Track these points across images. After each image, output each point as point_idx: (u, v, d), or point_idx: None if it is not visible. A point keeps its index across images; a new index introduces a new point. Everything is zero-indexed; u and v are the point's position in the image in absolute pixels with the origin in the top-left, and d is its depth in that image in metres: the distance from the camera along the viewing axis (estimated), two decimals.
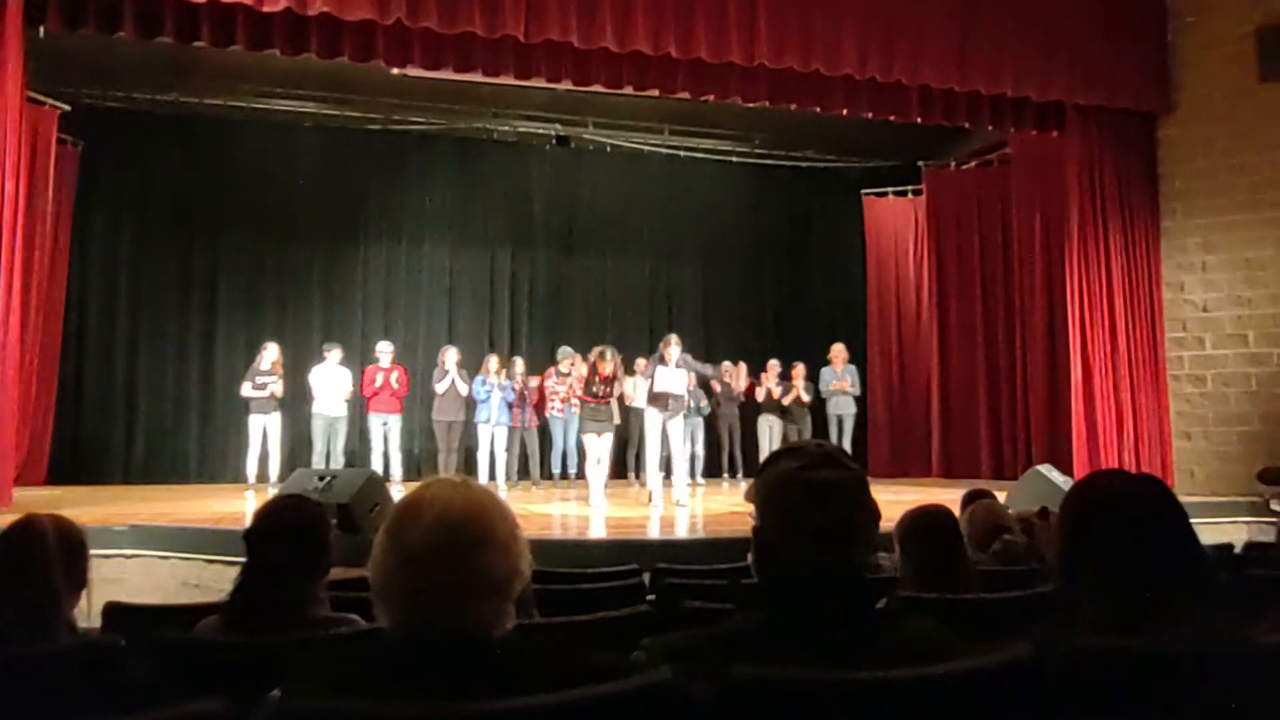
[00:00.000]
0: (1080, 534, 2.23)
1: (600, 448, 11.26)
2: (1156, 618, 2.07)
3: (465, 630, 1.79)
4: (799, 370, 14.32)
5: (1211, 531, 8.90)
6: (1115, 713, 1.98)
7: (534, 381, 13.63)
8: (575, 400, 12.32)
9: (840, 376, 14.37)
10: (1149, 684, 1.98)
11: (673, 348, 11.11)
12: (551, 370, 13.48)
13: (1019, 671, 1.92)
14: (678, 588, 4.29)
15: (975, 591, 3.57)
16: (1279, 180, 11.52)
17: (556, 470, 13.78)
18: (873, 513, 2.06)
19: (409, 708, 1.71)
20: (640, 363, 12.38)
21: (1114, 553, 2.13)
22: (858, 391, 14.54)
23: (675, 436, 11.42)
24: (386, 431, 12.94)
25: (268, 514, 3.25)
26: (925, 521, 3.76)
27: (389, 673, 1.78)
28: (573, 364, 12.92)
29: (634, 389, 13.04)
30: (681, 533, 9.44)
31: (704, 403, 14.08)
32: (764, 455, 12.51)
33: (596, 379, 11.21)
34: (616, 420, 12.28)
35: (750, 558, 2.12)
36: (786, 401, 14.17)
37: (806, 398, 14.17)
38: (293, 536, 3.12)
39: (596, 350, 11.39)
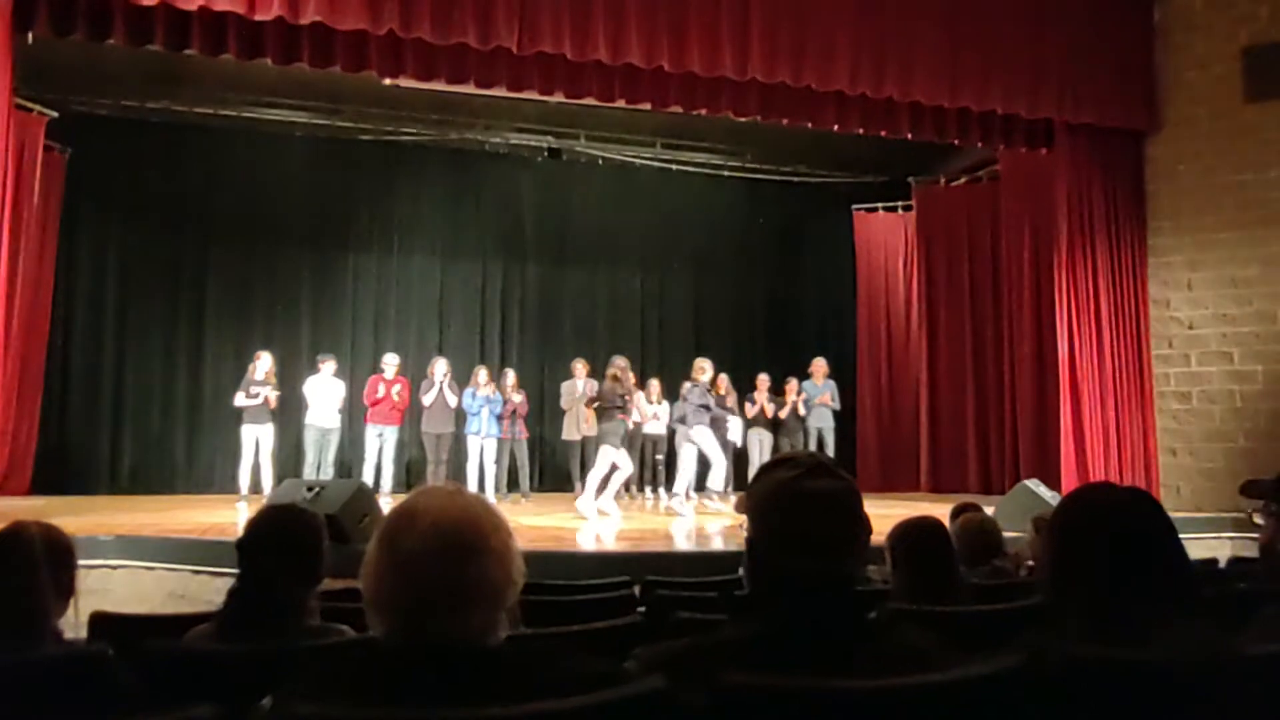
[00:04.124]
0: (1069, 544, 2.24)
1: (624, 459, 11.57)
2: (1143, 628, 2.08)
3: (458, 638, 1.79)
4: (793, 385, 14.32)
5: (1197, 547, 8.89)
6: None
7: (518, 396, 13.58)
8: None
9: (822, 390, 14.38)
10: (1136, 694, 1.99)
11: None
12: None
13: (1009, 681, 1.93)
14: (668, 599, 4.29)
15: (965, 604, 3.58)
16: (1264, 199, 11.58)
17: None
18: (865, 523, 2.07)
19: (401, 715, 1.70)
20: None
21: (1102, 563, 2.14)
22: (837, 405, 14.53)
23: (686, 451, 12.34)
24: (382, 443, 12.94)
25: (260, 524, 3.24)
26: (916, 533, 3.77)
27: (381, 680, 1.78)
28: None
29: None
30: (672, 546, 9.44)
31: None
32: (754, 469, 12.84)
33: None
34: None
35: (743, 568, 2.12)
36: (784, 415, 14.16)
37: (803, 411, 14.17)
38: (285, 546, 3.12)
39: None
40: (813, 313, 17.15)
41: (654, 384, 14.21)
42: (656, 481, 14.03)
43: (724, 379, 14.41)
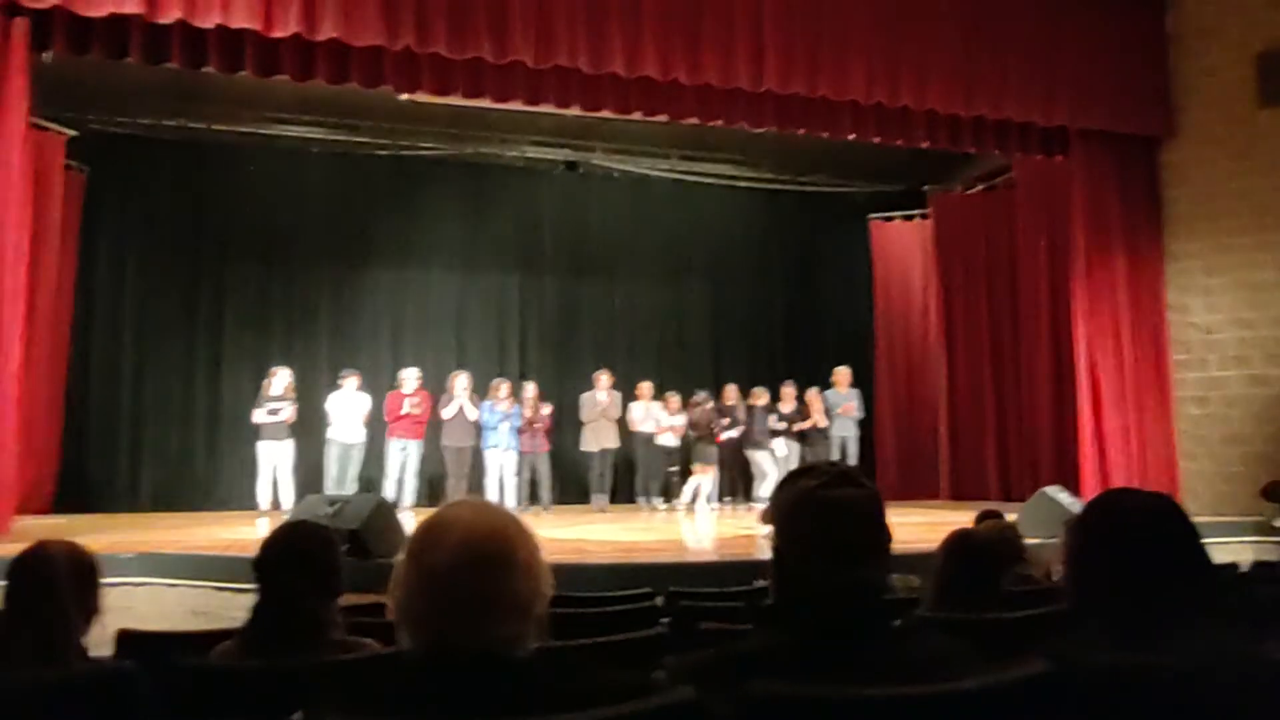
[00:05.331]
0: (1093, 550, 2.24)
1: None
2: (1167, 634, 2.08)
3: (487, 651, 1.79)
4: (814, 394, 14.29)
5: (1218, 551, 8.81)
6: None
7: (545, 409, 13.57)
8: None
9: (845, 399, 14.36)
10: (1160, 700, 1.99)
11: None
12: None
13: (1035, 687, 1.93)
14: (692, 610, 4.29)
15: (992, 611, 3.58)
16: None
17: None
18: (888, 531, 2.07)
19: None
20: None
21: (1126, 569, 2.14)
22: (861, 414, 14.54)
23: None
24: (405, 457, 12.92)
25: (274, 542, 3.24)
26: (969, 546, 3.78)
27: (412, 694, 1.78)
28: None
29: (642, 415, 13.97)
30: (692, 556, 9.45)
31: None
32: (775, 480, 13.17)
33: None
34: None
35: (769, 578, 2.13)
36: (805, 427, 14.14)
37: (825, 423, 14.16)
38: (301, 562, 3.13)
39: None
40: (830, 323, 17.09)
41: (672, 398, 14.27)
42: (670, 493, 14.16)
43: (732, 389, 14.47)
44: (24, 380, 9.85)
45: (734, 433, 14.06)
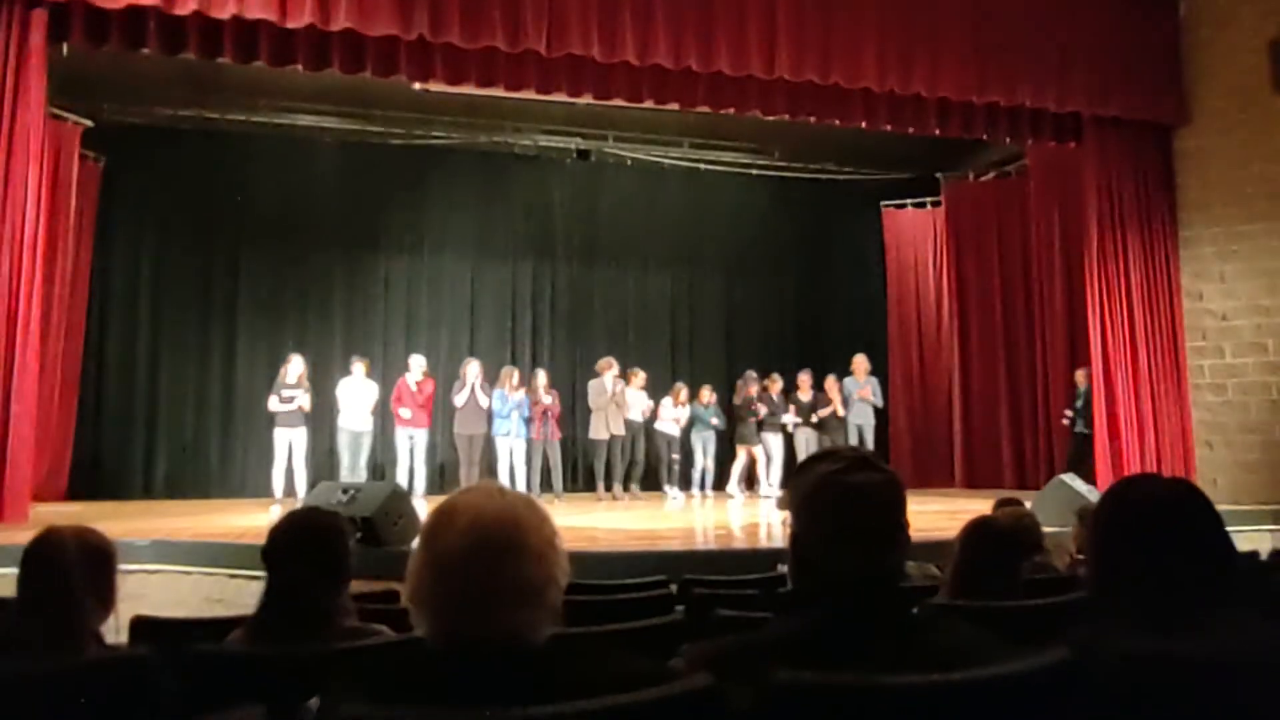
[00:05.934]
0: (1115, 537, 2.22)
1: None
2: (1191, 621, 2.06)
3: (499, 637, 1.78)
4: (831, 382, 14.30)
5: (1236, 539, 8.83)
6: (1152, 717, 1.97)
7: (548, 397, 13.54)
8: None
9: (862, 387, 14.34)
10: (1186, 688, 1.97)
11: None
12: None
13: (1058, 676, 1.91)
14: (707, 598, 4.27)
15: (1012, 599, 3.57)
16: None
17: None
18: (908, 518, 2.05)
19: (448, 715, 1.70)
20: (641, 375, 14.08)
21: (1148, 555, 2.12)
22: (879, 402, 14.53)
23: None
24: (413, 445, 12.97)
25: (283, 531, 3.23)
26: (993, 533, 3.76)
27: (427, 681, 1.77)
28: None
29: (633, 402, 13.92)
30: (702, 544, 9.45)
31: (715, 421, 14.20)
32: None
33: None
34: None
35: (786, 565, 2.11)
36: (824, 414, 14.16)
37: (843, 412, 14.16)
38: (310, 549, 3.12)
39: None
40: (843, 311, 17.07)
41: (680, 387, 14.35)
42: (673, 478, 14.19)
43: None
44: (40, 368, 9.88)
45: (771, 411, 14.19)
